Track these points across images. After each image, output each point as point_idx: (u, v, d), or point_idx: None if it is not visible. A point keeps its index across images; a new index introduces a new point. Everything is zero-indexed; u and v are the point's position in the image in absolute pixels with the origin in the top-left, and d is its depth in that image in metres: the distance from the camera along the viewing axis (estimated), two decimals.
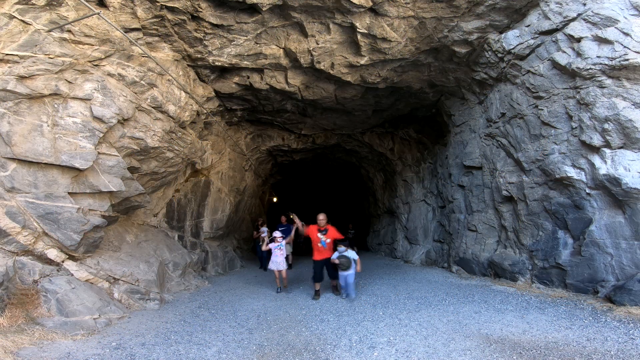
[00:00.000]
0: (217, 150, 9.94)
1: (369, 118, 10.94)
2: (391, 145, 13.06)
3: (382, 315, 5.44)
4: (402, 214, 13.13)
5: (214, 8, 5.90)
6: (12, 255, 4.71)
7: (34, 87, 4.81)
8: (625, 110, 5.09)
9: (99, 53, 5.44)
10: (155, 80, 6.34)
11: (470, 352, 3.81)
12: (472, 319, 5.02)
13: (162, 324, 5.12)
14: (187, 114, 7.44)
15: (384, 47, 6.83)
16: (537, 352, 3.73)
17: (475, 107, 8.47)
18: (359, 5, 5.89)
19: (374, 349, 4.05)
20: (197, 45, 6.54)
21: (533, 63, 6.33)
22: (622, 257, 5.28)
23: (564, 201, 6.18)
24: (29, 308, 4.45)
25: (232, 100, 8.89)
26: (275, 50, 7.03)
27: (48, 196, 4.98)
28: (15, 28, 4.60)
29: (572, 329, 4.33)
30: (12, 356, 3.46)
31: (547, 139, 6.31)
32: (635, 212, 5.14)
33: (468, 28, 6.60)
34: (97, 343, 4.17)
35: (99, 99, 5.40)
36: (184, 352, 4.04)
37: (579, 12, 5.49)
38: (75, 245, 5.22)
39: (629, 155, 5.18)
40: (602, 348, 3.71)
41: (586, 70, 5.39)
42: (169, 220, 8.94)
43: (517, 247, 7.29)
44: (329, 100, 9.07)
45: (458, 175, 9.30)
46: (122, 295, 5.73)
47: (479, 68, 7.48)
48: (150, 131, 6.42)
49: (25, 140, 4.76)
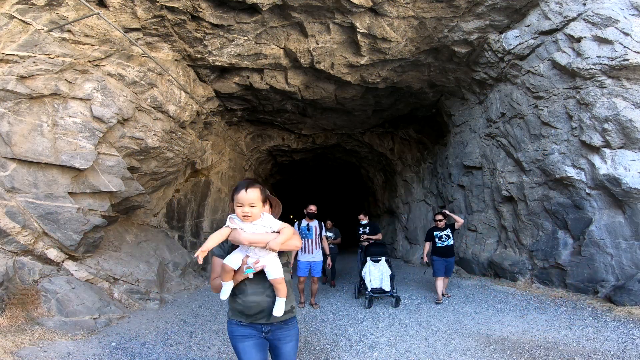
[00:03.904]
0: (217, 150, 9.94)
1: (369, 118, 10.94)
2: (391, 145, 13.06)
3: (382, 315, 5.44)
4: (402, 214, 13.13)
5: (214, 8, 5.90)
6: (12, 255, 4.71)
7: (34, 87, 4.81)
8: (625, 110, 5.09)
9: (99, 53, 5.44)
10: (155, 80, 6.34)
11: (470, 352, 3.81)
12: (472, 319, 5.03)
13: (162, 324, 5.12)
14: (187, 114, 7.44)
15: (384, 47, 6.83)
16: (537, 352, 3.73)
17: (475, 107, 8.47)
18: (359, 5, 5.89)
19: (374, 349, 4.05)
20: (197, 45, 6.54)
21: (533, 63, 6.33)
22: (622, 257, 5.28)
23: (564, 201, 6.18)
24: (29, 308, 4.45)
25: (232, 100, 8.88)
26: (275, 50, 7.03)
27: (48, 196, 4.97)
28: (15, 28, 4.60)
29: (572, 329, 4.33)
30: (12, 356, 3.46)
31: (547, 139, 6.31)
32: (635, 212, 5.14)
33: (468, 28, 6.60)
34: (97, 343, 4.17)
35: (99, 99, 5.40)
36: (184, 352, 4.04)
37: (579, 12, 5.49)
38: (75, 245, 5.22)
39: (629, 155, 5.18)
40: (602, 348, 3.71)
41: (586, 70, 5.39)
42: (169, 220, 8.93)
43: (517, 247, 7.29)
44: (329, 100, 9.07)
45: (458, 175, 9.30)
46: (122, 295, 5.73)
47: (479, 68, 7.48)
48: (150, 131, 6.42)
49: (25, 140, 4.76)
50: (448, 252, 6.37)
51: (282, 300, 1.95)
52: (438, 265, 6.34)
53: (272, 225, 1.97)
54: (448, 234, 6.48)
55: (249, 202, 1.88)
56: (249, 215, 1.89)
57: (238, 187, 1.92)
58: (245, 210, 1.89)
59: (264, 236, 1.90)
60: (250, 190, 1.89)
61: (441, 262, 6.33)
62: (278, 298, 1.95)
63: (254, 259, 1.92)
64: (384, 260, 6.30)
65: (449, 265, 6.43)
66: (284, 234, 1.93)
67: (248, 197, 1.88)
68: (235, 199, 1.91)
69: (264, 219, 1.97)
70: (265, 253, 1.92)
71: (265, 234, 1.92)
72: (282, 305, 1.95)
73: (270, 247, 1.86)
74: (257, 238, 1.89)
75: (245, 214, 1.89)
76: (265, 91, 8.36)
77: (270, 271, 1.93)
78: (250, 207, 1.89)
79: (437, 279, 6.29)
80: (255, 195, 1.90)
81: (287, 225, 1.99)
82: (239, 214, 1.91)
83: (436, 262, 6.37)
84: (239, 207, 1.90)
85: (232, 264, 1.91)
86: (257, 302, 1.95)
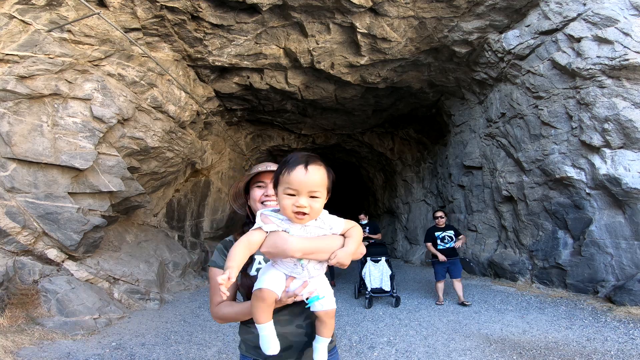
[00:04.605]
0: (217, 150, 9.94)
1: (369, 118, 10.94)
2: (391, 145, 13.06)
3: (382, 315, 5.45)
4: (402, 214, 13.13)
5: (214, 8, 5.90)
6: (12, 255, 4.71)
7: (34, 87, 4.81)
8: (625, 110, 5.09)
9: (99, 53, 5.44)
10: (155, 80, 6.34)
11: (470, 352, 3.81)
12: (472, 319, 5.03)
13: (162, 324, 5.12)
14: (187, 114, 7.44)
15: (384, 47, 6.83)
16: (537, 352, 3.73)
17: (475, 107, 8.47)
18: (359, 5, 5.89)
19: (374, 349, 4.05)
20: (197, 45, 6.54)
21: (533, 63, 6.33)
22: (622, 257, 5.28)
23: (564, 201, 6.17)
24: (29, 308, 4.45)
25: (232, 100, 8.88)
26: (275, 50, 7.03)
27: (48, 196, 4.98)
28: (15, 28, 4.60)
29: (572, 329, 4.33)
30: (12, 356, 3.46)
31: (547, 139, 6.31)
32: (635, 212, 5.13)
33: (468, 28, 6.60)
34: (97, 343, 4.17)
35: (99, 99, 5.40)
36: (184, 352, 4.04)
37: (579, 12, 5.49)
38: (75, 245, 5.21)
39: (629, 155, 5.18)
40: (602, 348, 3.71)
41: (586, 70, 5.39)
42: (169, 220, 8.93)
43: (517, 247, 7.29)
44: (329, 100, 9.07)
45: (458, 175, 9.30)
46: (122, 295, 5.73)
47: (479, 68, 7.48)
48: (150, 131, 6.42)
49: (25, 140, 4.76)
50: (450, 254, 6.00)
51: (327, 341, 1.28)
52: (439, 268, 6.01)
53: (332, 224, 1.23)
54: (451, 235, 6.12)
55: (309, 188, 1.12)
56: (306, 212, 1.12)
57: (289, 163, 1.14)
58: (302, 202, 1.11)
59: (327, 242, 1.17)
60: (313, 169, 1.13)
61: (442, 264, 5.99)
62: (321, 338, 1.27)
63: (304, 281, 1.19)
64: (384, 260, 6.29)
65: (453, 266, 5.97)
66: (354, 239, 1.21)
67: (310, 181, 1.11)
68: (283, 181, 1.13)
69: (320, 216, 1.21)
70: (320, 270, 1.23)
71: (325, 238, 1.19)
72: (326, 349, 1.28)
73: (339, 261, 1.15)
74: (318, 246, 1.15)
75: (300, 208, 1.11)
76: (265, 91, 8.36)
77: (324, 300, 1.22)
78: (311, 197, 1.13)
79: (438, 282, 6.01)
80: (320, 178, 1.14)
81: (354, 224, 1.27)
82: (287, 208, 1.13)
83: (437, 264, 6.03)
84: (290, 197, 1.12)
85: (276, 289, 1.15)
86: (284, 334, 1.25)
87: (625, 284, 5.02)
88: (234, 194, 1.51)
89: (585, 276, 5.70)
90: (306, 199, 1.12)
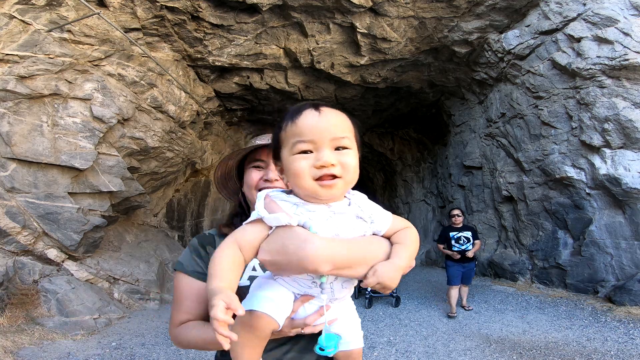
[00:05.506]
0: (217, 150, 9.94)
1: (369, 118, 10.94)
2: (391, 145, 13.06)
3: (382, 315, 5.44)
4: (402, 214, 13.13)
5: (214, 8, 5.90)
6: (12, 255, 4.71)
7: (34, 87, 4.81)
8: (625, 110, 5.09)
9: (99, 53, 5.44)
10: (155, 80, 6.34)
11: (470, 352, 3.81)
12: (472, 319, 5.02)
13: (162, 324, 5.12)
14: (187, 114, 7.44)
15: (384, 47, 6.83)
16: (537, 352, 3.73)
17: (475, 107, 8.47)
18: (359, 5, 5.89)
19: (374, 349, 4.05)
20: (197, 45, 6.54)
21: (533, 63, 6.33)
22: (622, 257, 5.28)
23: (564, 201, 6.18)
24: (29, 308, 4.45)
25: (232, 100, 8.88)
26: (275, 50, 7.03)
27: (48, 196, 4.97)
28: (15, 28, 4.60)
29: (572, 329, 4.33)
30: (12, 356, 3.46)
31: (547, 139, 6.31)
32: (635, 212, 5.14)
33: (468, 28, 6.60)
34: (97, 343, 4.17)
35: (99, 99, 5.40)
36: (184, 352, 4.04)
37: (579, 12, 5.49)
38: (75, 245, 5.21)
39: (629, 155, 5.19)
40: (602, 348, 3.71)
41: (586, 70, 5.39)
42: (169, 220, 8.93)
43: (517, 247, 7.29)
44: (329, 100, 9.07)
45: (458, 175, 9.30)
46: (122, 295, 5.73)
47: (479, 68, 7.48)
48: (150, 131, 6.42)
49: (25, 140, 4.76)
50: (466, 258, 5.34)
51: None
52: (454, 271, 5.29)
53: (374, 215, 0.79)
54: (467, 235, 5.42)
55: (332, 134, 0.72)
56: (336, 174, 0.72)
57: (291, 111, 0.77)
58: (326, 156, 0.71)
59: (370, 249, 0.76)
60: (328, 110, 0.75)
61: (457, 268, 5.30)
62: None
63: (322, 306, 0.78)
64: None
65: (468, 271, 5.37)
66: (407, 247, 0.80)
67: (329, 123, 0.73)
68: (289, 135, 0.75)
69: (356, 198, 0.79)
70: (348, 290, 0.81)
71: (366, 241, 0.77)
72: None
73: (381, 281, 0.73)
74: (357, 254, 0.74)
75: (327, 167, 0.71)
76: (265, 91, 8.36)
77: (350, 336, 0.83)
78: (337, 149, 0.73)
79: (451, 288, 5.27)
80: (342, 120, 0.76)
81: (408, 224, 0.84)
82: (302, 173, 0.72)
83: (451, 268, 5.33)
84: (305, 156, 0.72)
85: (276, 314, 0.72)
86: None
87: (625, 284, 5.02)
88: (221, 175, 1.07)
89: (585, 276, 5.70)
90: (330, 154, 0.71)
